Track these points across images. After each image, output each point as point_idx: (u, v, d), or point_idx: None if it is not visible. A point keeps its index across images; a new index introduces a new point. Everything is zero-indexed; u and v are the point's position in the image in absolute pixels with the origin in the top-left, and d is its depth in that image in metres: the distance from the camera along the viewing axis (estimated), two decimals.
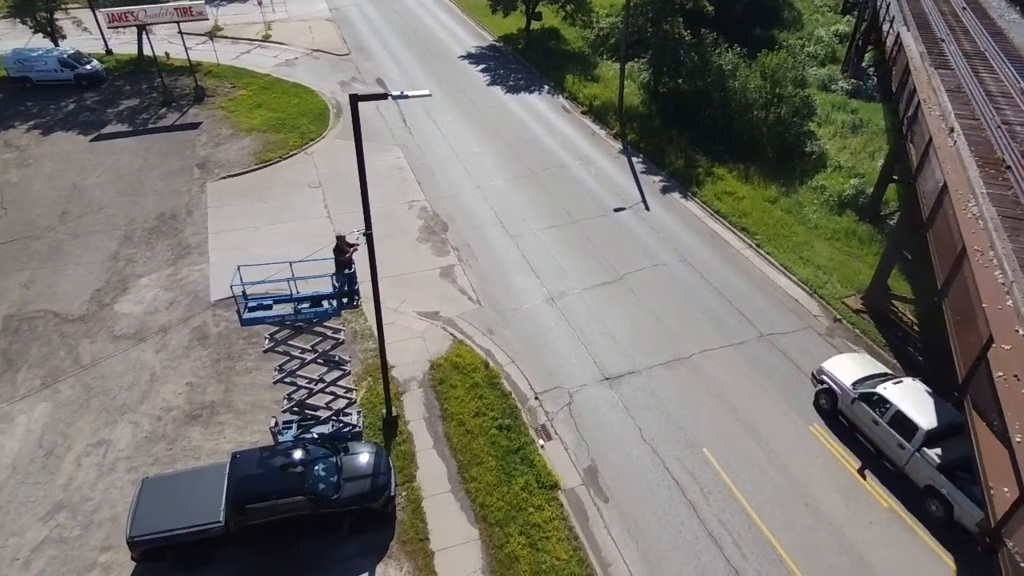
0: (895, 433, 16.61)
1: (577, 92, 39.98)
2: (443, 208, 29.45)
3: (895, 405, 16.69)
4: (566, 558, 15.50)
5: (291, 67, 45.18)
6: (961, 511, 15.10)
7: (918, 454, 16.04)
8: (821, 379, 19.16)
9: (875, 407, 17.21)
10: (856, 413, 17.76)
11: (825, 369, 19.10)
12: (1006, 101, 18.90)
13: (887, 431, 16.83)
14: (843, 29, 52.41)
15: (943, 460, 15.43)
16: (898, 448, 16.59)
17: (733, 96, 32.93)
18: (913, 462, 16.23)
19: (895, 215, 26.99)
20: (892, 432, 16.68)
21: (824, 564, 15.44)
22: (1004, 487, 7.98)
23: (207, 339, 22.08)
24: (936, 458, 15.61)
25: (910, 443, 16.20)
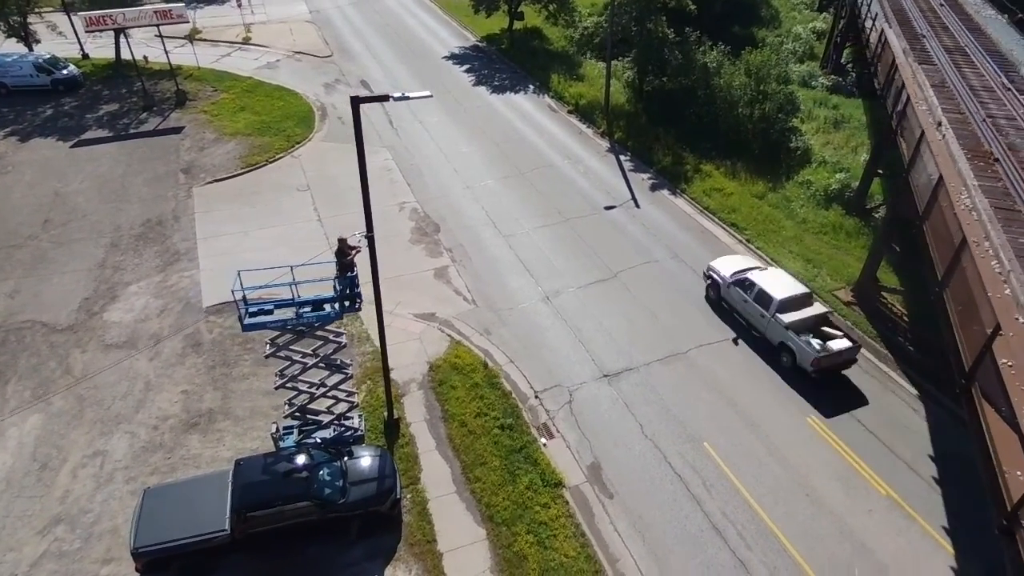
0: (758, 306, 21.05)
1: (563, 91, 40.14)
2: (434, 209, 29.38)
3: (758, 284, 21.10)
4: (574, 555, 15.58)
5: (273, 69, 44.76)
6: (800, 358, 19.61)
7: (773, 319, 20.33)
8: (709, 275, 23.19)
9: (745, 289, 21.54)
10: (732, 296, 22.17)
11: (711, 266, 23.27)
12: (989, 95, 19.39)
13: (753, 306, 21.27)
14: (820, 26, 53.13)
15: (790, 322, 19.96)
16: (760, 317, 21.04)
17: (718, 93, 33.29)
18: (770, 326, 20.65)
19: (880, 208, 27.51)
20: (756, 306, 21.14)
21: (827, 552, 15.70)
22: (1018, 471, 8.21)
23: (201, 346, 21.80)
24: (785, 320, 19.93)
25: (768, 311, 20.55)
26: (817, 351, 19.33)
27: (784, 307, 20.34)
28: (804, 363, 19.54)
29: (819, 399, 19.57)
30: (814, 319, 20.42)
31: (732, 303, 22.29)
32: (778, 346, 20.54)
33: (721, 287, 22.55)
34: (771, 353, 20.83)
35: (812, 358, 19.19)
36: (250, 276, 15.57)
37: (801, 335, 19.77)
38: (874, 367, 20.99)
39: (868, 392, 20.01)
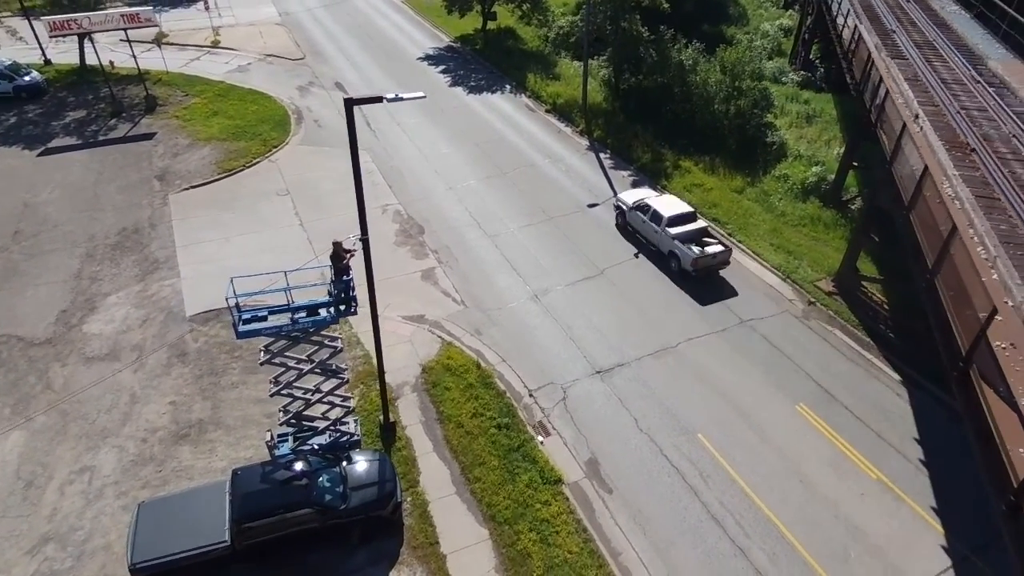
0: (652, 224, 25.28)
1: (540, 91, 40.28)
2: (417, 211, 29.25)
3: (652, 207, 25.44)
4: (577, 551, 15.69)
5: (245, 73, 44.03)
6: (684, 261, 23.90)
7: (664, 232, 24.62)
8: (617, 205, 27.72)
9: (643, 212, 25.81)
10: (634, 219, 26.48)
11: (619, 198, 27.92)
12: (960, 88, 20.02)
13: (649, 224, 25.48)
14: (787, 23, 54.17)
15: (676, 234, 24.29)
16: (654, 232, 25.31)
17: (694, 90, 33.75)
18: (662, 238, 24.88)
19: (856, 200, 28.20)
20: (651, 224, 25.35)
21: (823, 536, 16.06)
22: (1020, 448, 8.55)
23: (187, 356, 21.38)
24: (672, 232, 24.30)
25: (659, 227, 24.82)
26: (695, 254, 23.62)
27: (672, 223, 24.69)
28: (686, 265, 23.79)
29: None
30: (696, 231, 24.76)
31: (634, 224, 26.61)
32: (668, 254, 24.87)
33: (626, 213, 26.90)
34: (662, 260, 25.27)
35: (691, 259, 23.58)
36: (243, 282, 15.23)
37: (685, 244, 23.91)
38: (857, 355, 21.51)
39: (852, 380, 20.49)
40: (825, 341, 22.05)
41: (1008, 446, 8.56)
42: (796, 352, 21.53)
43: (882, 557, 15.63)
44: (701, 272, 23.80)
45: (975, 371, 9.90)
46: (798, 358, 21.28)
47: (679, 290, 24.18)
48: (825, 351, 21.64)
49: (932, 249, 12.69)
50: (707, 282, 24.25)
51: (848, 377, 20.61)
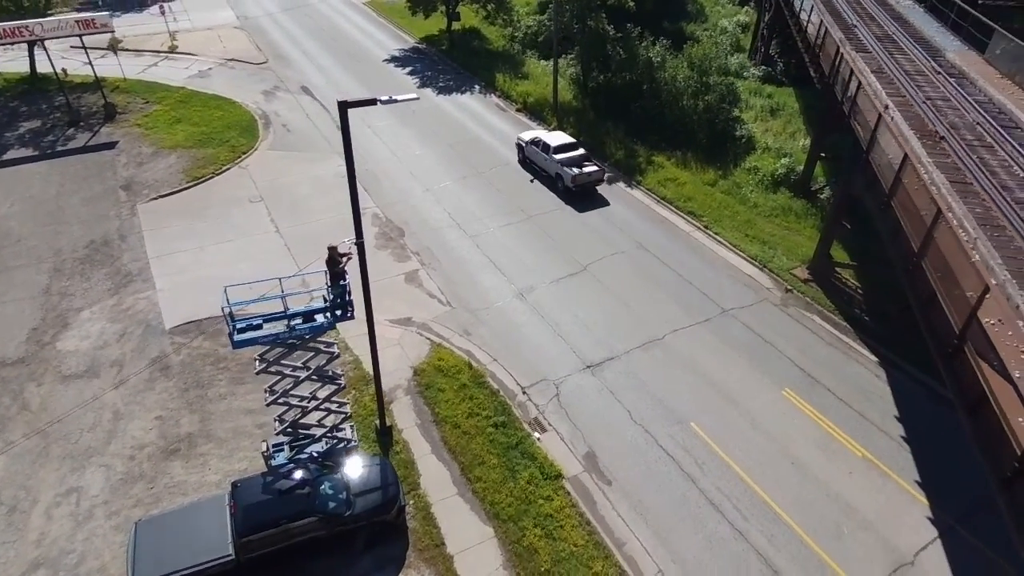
0: (543, 153, 30.63)
1: (509, 90, 40.43)
2: (396, 213, 29.09)
3: (542, 139, 30.94)
4: (583, 543, 15.88)
5: (205, 78, 43.05)
6: (566, 180, 29.28)
7: (551, 158, 29.99)
8: (518, 144, 32.83)
9: (537, 145, 31.14)
10: (530, 152, 31.79)
11: (519, 138, 32.90)
12: (923, 79, 20.88)
13: (541, 154, 30.78)
14: (743, 19, 55.46)
15: (560, 159, 29.73)
16: (544, 160, 30.58)
17: (663, 87, 34.34)
18: (550, 163, 30.25)
19: (824, 190, 29.14)
20: (542, 153, 30.70)
21: (817, 515, 16.60)
22: (1019, 417, 9.04)
23: (170, 369, 20.85)
24: (558, 158, 29.76)
25: (548, 154, 30.16)
26: (574, 173, 29.03)
27: (557, 151, 30.07)
28: (568, 182, 29.26)
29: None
30: (577, 156, 30.03)
31: (531, 157, 31.93)
32: (555, 176, 30.25)
33: (524, 148, 32.24)
34: (551, 181, 30.69)
35: (571, 177, 29.02)
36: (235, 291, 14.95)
37: (567, 166, 29.33)
38: (836, 339, 22.25)
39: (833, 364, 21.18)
40: (804, 327, 22.75)
41: (1008, 416, 9.05)
42: (778, 339, 22.15)
43: (873, 531, 16.24)
44: (579, 187, 29.46)
45: (970, 347, 10.43)
46: (780, 345, 21.90)
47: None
48: (805, 337, 22.33)
49: (916, 233, 13.27)
50: (584, 195, 30.08)
51: (829, 361, 21.31)
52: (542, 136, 31.28)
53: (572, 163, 29.60)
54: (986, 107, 18.71)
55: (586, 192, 29.90)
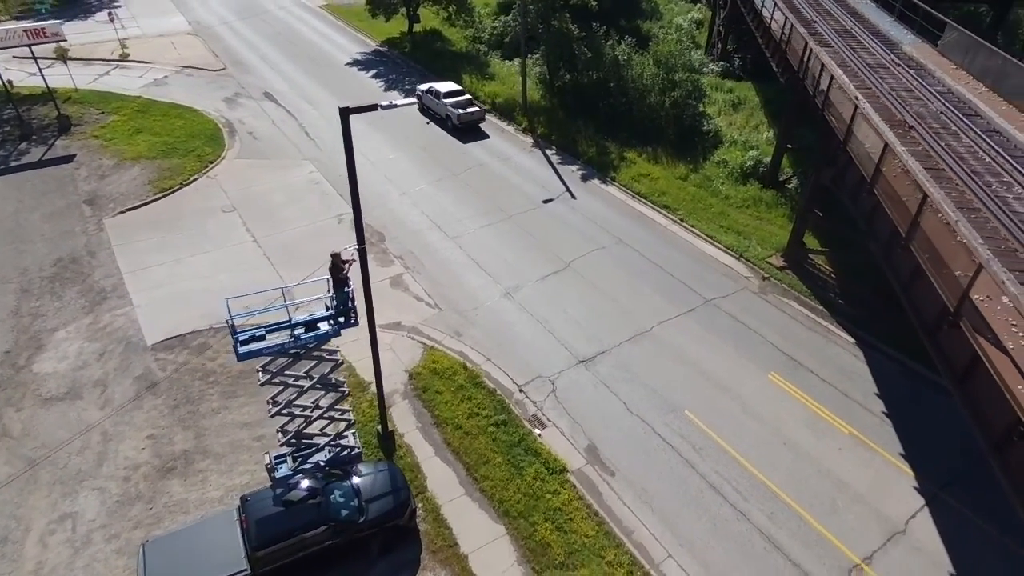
0: (435, 99, 36.94)
1: (477, 91, 40.53)
2: (374, 218, 28.90)
3: (435, 87, 37.22)
4: (593, 534, 16.21)
5: (162, 87, 41.87)
6: (453, 119, 35.91)
7: (443, 102, 36.38)
8: (416, 93, 38.60)
9: (431, 93, 37.28)
10: (426, 99, 37.94)
11: (418, 88, 38.92)
12: (885, 71, 21.95)
13: (435, 100, 37.07)
14: (697, 16, 56.82)
15: (449, 103, 35.96)
16: (437, 104, 36.92)
17: (630, 84, 35.00)
18: (440, 106, 36.64)
19: (792, 180, 30.22)
20: (435, 99, 36.96)
21: (812, 491, 17.32)
22: (1019, 385, 9.72)
23: (156, 386, 20.34)
24: (448, 102, 36.01)
25: (440, 99, 36.49)
26: (460, 113, 35.59)
27: (447, 96, 36.32)
28: (455, 121, 35.77)
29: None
30: (463, 100, 36.36)
31: (427, 103, 37.90)
32: (445, 116, 36.52)
33: (422, 97, 38.02)
34: (443, 121, 37.00)
35: (457, 116, 35.58)
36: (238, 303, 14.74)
37: (454, 108, 35.76)
38: (814, 322, 23.16)
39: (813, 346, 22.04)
40: (783, 313, 23.61)
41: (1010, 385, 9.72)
42: (760, 325, 22.93)
43: (865, 504, 17.04)
44: (464, 124, 36.02)
45: (966, 322, 11.13)
46: (762, 330, 22.68)
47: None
48: (785, 322, 23.18)
49: (901, 217, 14.03)
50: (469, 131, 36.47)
51: (809, 344, 22.18)
52: (435, 86, 37.64)
53: (458, 106, 35.95)
54: (946, 97, 19.82)
55: (470, 128, 36.62)
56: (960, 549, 15.90)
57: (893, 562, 15.74)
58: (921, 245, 13.02)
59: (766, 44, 30.05)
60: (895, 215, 14.25)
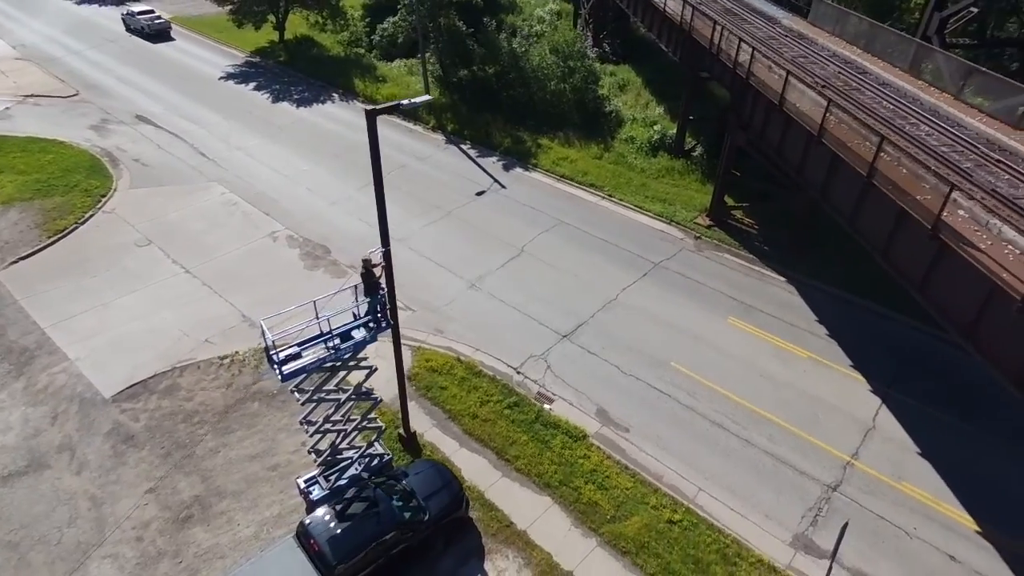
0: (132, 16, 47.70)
1: (373, 94, 40.04)
2: (311, 232, 27.99)
3: (132, 8, 48.20)
4: (631, 485, 17.46)
5: (7, 119, 37.04)
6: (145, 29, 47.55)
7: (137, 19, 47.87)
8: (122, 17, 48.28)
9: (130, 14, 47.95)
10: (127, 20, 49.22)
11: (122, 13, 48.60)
12: (778, 43, 25.08)
13: (134, 17, 47.85)
14: (554, 7, 59.69)
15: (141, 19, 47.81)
16: (133, 20, 48.53)
17: (530, 75, 36.49)
18: (135, 21, 47.84)
19: (697, 148, 33.32)
20: (131, 16, 47.69)
21: (795, 410, 19.77)
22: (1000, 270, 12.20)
23: (135, 438, 18.62)
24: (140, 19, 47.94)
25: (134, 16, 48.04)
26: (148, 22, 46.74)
27: (140, 14, 47.09)
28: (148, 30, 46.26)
29: None
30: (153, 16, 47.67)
31: (128, 22, 49.18)
32: (139, 28, 47.02)
33: (126, 20, 48.57)
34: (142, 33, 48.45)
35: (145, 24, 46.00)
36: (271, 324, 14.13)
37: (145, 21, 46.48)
38: (748, 269, 26.00)
39: (755, 289, 24.82)
40: (721, 264, 26.27)
41: (996, 275, 12.17)
42: (705, 278, 25.38)
43: (839, 411, 19.81)
44: (154, 32, 47.26)
45: (947, 233, 13.59)
46: (710, 283, 25.14)
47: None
48: (725, 272, 25.82)
49: (858, 162, 16.54)
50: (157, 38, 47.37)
51: (750, 288, 24.93)
52: (131, 7, 49.17)
53: (148, 21, 47.51)
54: (835, 59, 23.22)
55: (160, 35, 48.34)
56: (919, 432, 19.04)
57: (873, 453, 18.55)
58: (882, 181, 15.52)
59: (657, 29, 32.75)
60: (851, 158, 16.77)
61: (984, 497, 17.16)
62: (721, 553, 15.96)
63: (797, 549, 16.23)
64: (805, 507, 17.21)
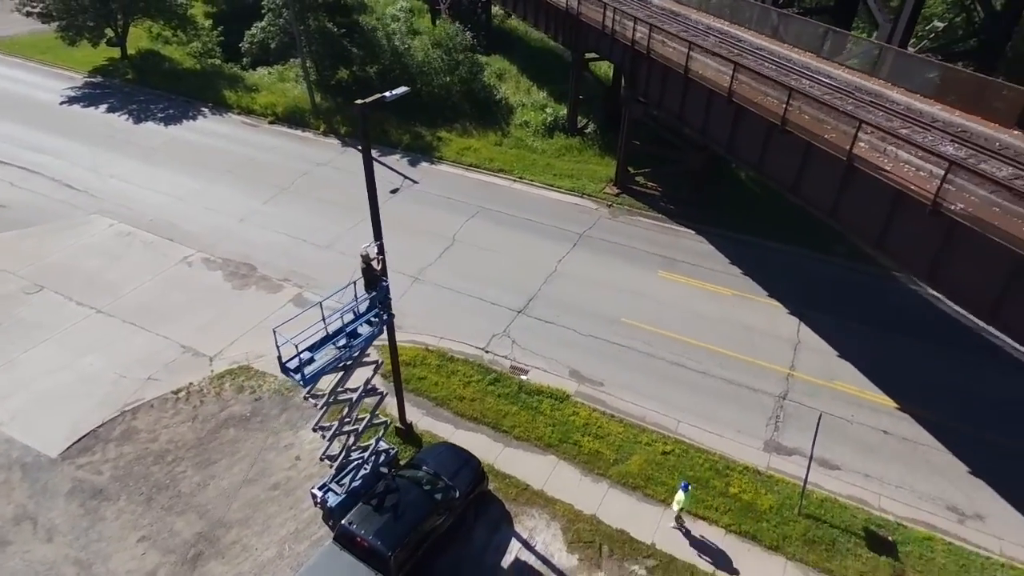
0: None
1: (249, 105, 38.19)
2: (228, 251, 26.57)
3: None
4: (622, 430, 18.98)
5: None
6: None
7: None
8: None
9: None
10: None
11: None
12: (657, 20, 27.59)
13: None
14: (406, 4, 59.96)
15: None
16: None
17: (416, 71, 36.78)
18: None
19: (589, 124, 35.57)
20: None
21: (736, 340, 22.32)
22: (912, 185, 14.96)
23: (104, 491, 17.06)
24: None
25: None
26: None
27: None
28: None
29: None
30: None
31: None
32: None
33: None
34: None
35: None
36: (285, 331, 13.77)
37: None
38: (661, 227, 28.59)
39: (672, 243, 27.42)
40: (637, 227, 28.64)
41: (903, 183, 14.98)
42: (628, 240, 27.58)
43: (769, 334, 22.71)
44: None
45: (860, 162, 16.28)
46: (632, 243, 27.36)
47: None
48: (642, 232, 28.21)
49: (767, 113, 19.11)
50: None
51: (667, 243, 27.48)
52: None
53: None
54: (712, 31, 26.27)
55: None
56: (835, 340, 22.37)
57: (805, 363, 21.54)
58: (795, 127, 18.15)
59: (534, 17, 34.47)
60: (764, 110, 19.32)
61: (896, 381, 20.70)
62: (713, 469, 17.98)
63: (770, 452, 18.68)
64: (766, 417, 19.76)
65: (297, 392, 20.16)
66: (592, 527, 16.51)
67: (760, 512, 16.91)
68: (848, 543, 16.21)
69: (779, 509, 16.97)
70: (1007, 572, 15.77)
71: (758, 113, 19.53)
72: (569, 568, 15.65)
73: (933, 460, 18.49)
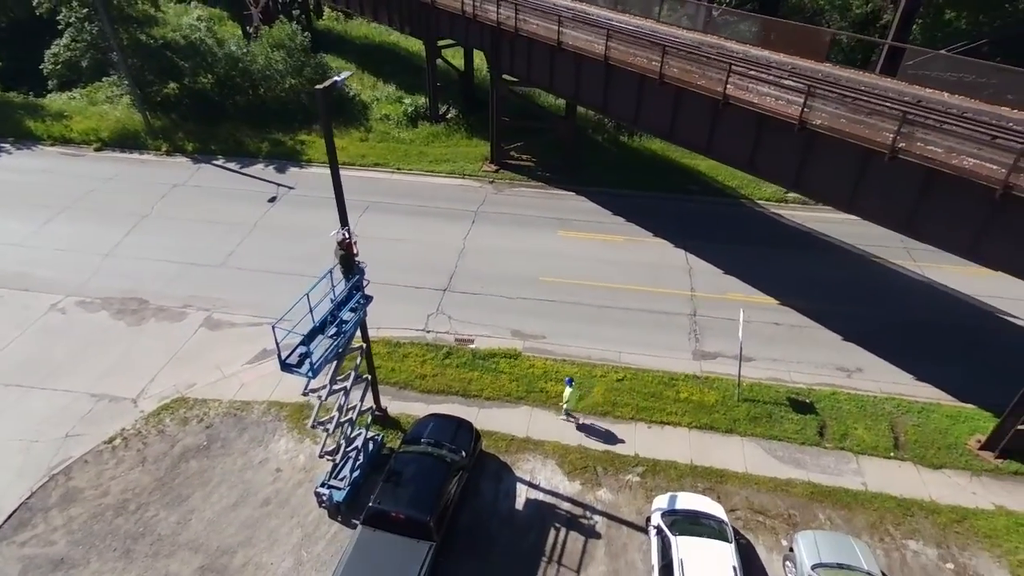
0: None
1: (65, 133, 33.87)
2: (106, 289, 24.04)
3: None
4: (576, 370, 20.68)
5: None
6: None
7: None
8: None
9: None
10: None
11: None
12: None
13: None
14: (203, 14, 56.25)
15: None
16: None
17: (262, 76, 35.15)
18: None
19: (450, 110, 36.57)
20: None
21: (641, 277, 25.01)
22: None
23: (66, 559, 15.18)
24: None
25: None
26: None
27: None
28: None
29: None
30: None
31: None
32: None
33: None
34: None
35: None
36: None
37: None
38: (543, 193, 30.74)
39: (556, 205, 29.67)
40: (522, 196, 30.52)
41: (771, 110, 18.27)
42: (520, 209, 29.39)
43: (666, 267, 25.80)
44: None
45: (732, 99, 19.35)
46: (525, 212, 29.20)
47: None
48: (530, 200, 30.16)
49: (645, 70, 21.69)
50: None
51: (555, 206, 29.70)
52: None
53: None
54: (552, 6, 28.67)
55: None
56: (717, 261, 26.04)
57: (700, 284, 24.85)
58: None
59: (372, 11, 34.55)
60: (638, 69, 21.88)
61: (770, 284, 24.77)
62: (662, 383, 20.42)
63: (699, 359, 21.59)
64: (686, 333, 22.70)
65: (251, 410, 19.26)
66: (582, 455, 18.10)
67: (709, 407, 19.66)
68: (781, 413, 19.50)
69: (723, 401, 19.85)
70: (889, 402, 20.06)
71: (635, 71, 22.18)
72: (576, 492, 17.11)
73: (816, 337, 22.63)
